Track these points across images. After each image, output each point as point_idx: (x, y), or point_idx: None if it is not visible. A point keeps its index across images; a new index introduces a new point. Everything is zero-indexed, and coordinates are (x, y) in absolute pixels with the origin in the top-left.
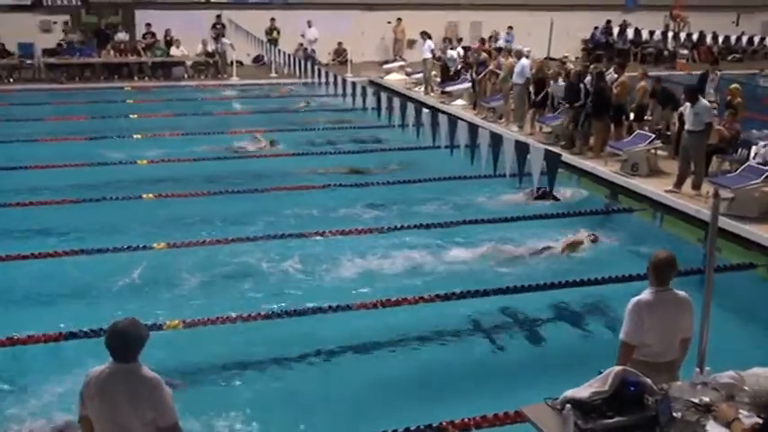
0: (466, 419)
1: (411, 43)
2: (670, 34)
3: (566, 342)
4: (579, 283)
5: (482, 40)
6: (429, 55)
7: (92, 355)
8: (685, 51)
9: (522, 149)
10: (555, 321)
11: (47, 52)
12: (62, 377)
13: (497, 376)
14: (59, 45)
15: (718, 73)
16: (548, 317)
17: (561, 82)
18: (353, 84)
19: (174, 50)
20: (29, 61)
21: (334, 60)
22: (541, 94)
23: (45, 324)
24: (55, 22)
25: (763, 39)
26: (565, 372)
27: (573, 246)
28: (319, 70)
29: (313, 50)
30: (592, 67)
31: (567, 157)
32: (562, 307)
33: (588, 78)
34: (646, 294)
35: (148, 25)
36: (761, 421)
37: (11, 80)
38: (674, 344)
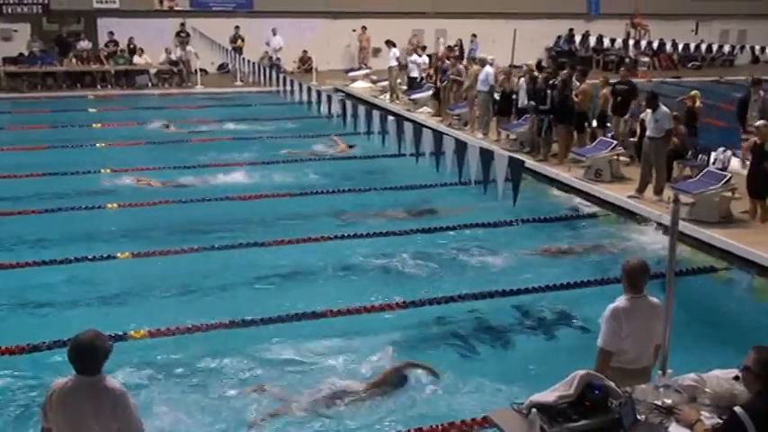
0: (433, 426)
1: (376, 51)
2: (631, 42)
3: (527, 347)
4: (542, 289)
5: (448, 48)
6: (394, 63)
7: (52, 369)
8: (646, 59)
9: (486, 156)
10: (517, 326)
11: (7, 61)
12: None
13: (463, 382)
14: (21, 54)
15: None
16: (509, 322)
17: (524, 81)
18: (319, 92)
19: (137, 59)
20: None
21: (299, 68)
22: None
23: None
24: (15, 30)
25: (721, 47)
26: (529, 377)
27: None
28: (284, 78)
29: (278, 59)
30: (563, 73)
31: (531, 163)
32: (526, 312)
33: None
34: (622, 301)
35: (111, 33)
36: (722, 422)
37: None
38: (648, 350)
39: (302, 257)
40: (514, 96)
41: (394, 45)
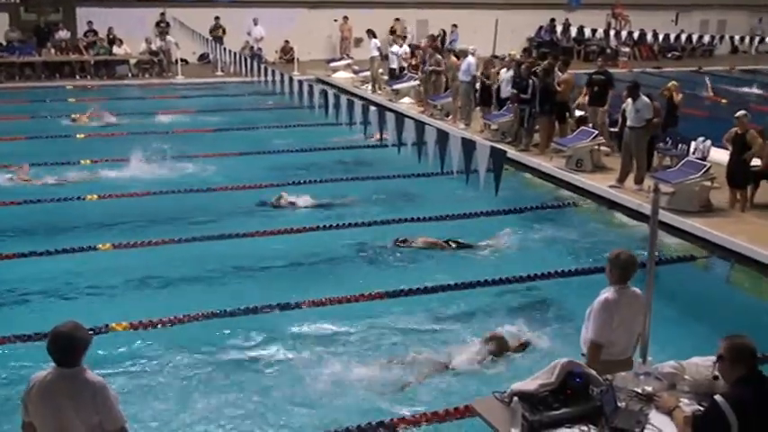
0: (416, 415)
1: (358, 41)
2: (612, 32)
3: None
4: (524, 279)
5: (431, 38)
6: (376, 53)
7: (33, 360)
8: (627, 49)
9: (468, 147)
10: (500, 316)
11: None
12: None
13: (446, 371)
14: None
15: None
16: (492, 312)
17: (506, 71)
18: (300, 82)
19: (116, 49)
20: None
21: (280, 59)
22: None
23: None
24: None
25: (701, 37)
26: (512, 365)
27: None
28: (266, 69)
29: (259, 49)
30: (544, 64)
31: (512, 153)
32: (506, 302)
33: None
34: (611, 293)
35: (90, 23)
36: (702, 409)
37: None
38: (633, 340)
39: (280, 248)
40: (496, 86)
41: (375, 35)
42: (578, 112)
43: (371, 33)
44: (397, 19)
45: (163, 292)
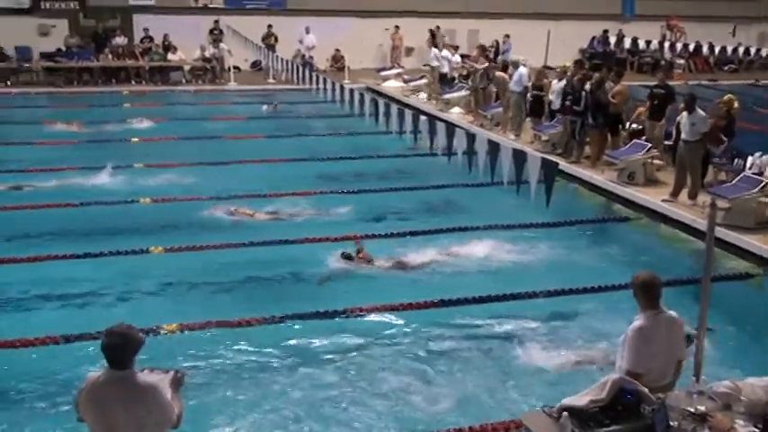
0: (465, 428)
1: (409, 51)
2: (666, 44)
3: (561, 350)
4: (575, 291)
5: (482, 48)
6: (436, 63)
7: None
8: (681, 61)
9: (519, 158)
10: (552, 329)
11: (45, 56)
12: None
13: (495, 384)
14: (58, 49)
15: None
16: (545, 325)
17: (558, 82)
18: (351, 90)
19: (171, 55)
20: (26, 65)
21: (331, 67)
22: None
23: (37, 328)
24: (53, 26)
25: (758, 50)
26: (561, 380)
27: None
28: (317, 77)
29: (311, 57)
30: (596, 75)
31: (563, 165)
32: (558, 315)
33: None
34: (644, 320)
35: (146, 30)
36: (756, 431)
37: (8, 83)
38: (672, 367)
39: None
40: (548, 98)
41: (435, 45)
42: (633, 125)
43: (432, 43)
44: (438, 27)
45: (214, 296)
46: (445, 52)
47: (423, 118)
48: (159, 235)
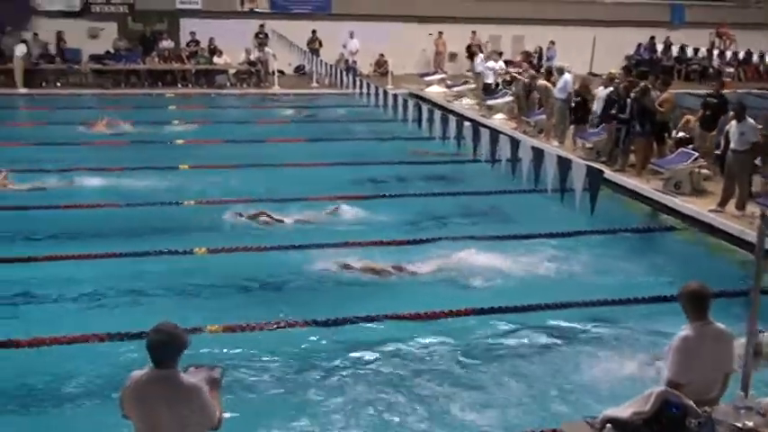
0: None
1: (452, 56)
2: (716, 52)
3: (605, 360)
4: (620, 301)
5: (526, 54)
6: (480, 69)
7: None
8: (731, 69)
9: (564, 165)
10: (596, 339)
11: (93, 58)
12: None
13: (537, 393)
14: (107, 52)
15: None
16: (589, 334)
17: (603, 89)
18: (394, 95)
19: (216, 59)
20: (76, 67)
21: (374, 72)
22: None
23: (82, 325)
24: (102, 29)
25: None
26: (603, 390)
27: None
28: (360, 81)
29: (354, 61)
30: (643, 83)
31: (607, 173)
32: (602, 325)
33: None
34: (690, 330)
35: (193, 33)
36: None
37: (58, 84)
38: (717, 380)
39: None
40: (593, 105)
41: (480, 51)
42: (680, 134)
43: (477, 49)
44: (474, 32)
45: (256, 298)
46: (491, 62)
47: (466, 124)
48: (203, 236)
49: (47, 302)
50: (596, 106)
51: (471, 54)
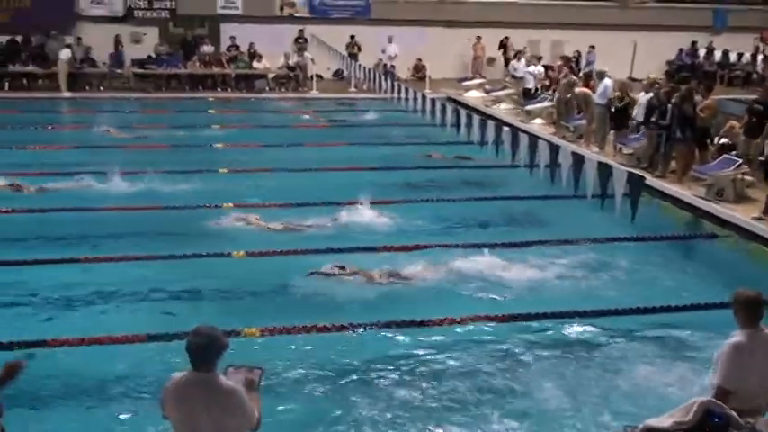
0: None
1: (490, 61)
2: (760, 57)
3: (646, 368)
4: (658, 310)
5: (565, 59)
6: (521, 75)
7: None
8: None
9: (604, 171)
10: (638, 346)
11: (136, 63)
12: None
13: (577, 401)
14: (149, 56)
15: None
16: (629, 341)
17: (644, 95)
18: (433, 100)
19: (256, 63)
20: (118, 71)
21: (413, 76)
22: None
23: (122, 326)
24: (145, 34)
25: None
26: (644, 399)
27: None
28: (399, 86)
29: (392, 66)
30: (684, 88)
31: (648, 180)
32: (641, 333)
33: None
34: (741, 336)
35: (233, 38)
36: None
37: (101, 88)
38: (766, 389)
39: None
40: (634, 110)
41: (506, 56)
42: (723, 140)
43: (521, 54)
44: (507, 37)
45: (295, 301)
46: (532, 67)
47: (505, 128)
48: (240, 239)
49: (87, 303)
50: (637, 112)
51: (507, 59)
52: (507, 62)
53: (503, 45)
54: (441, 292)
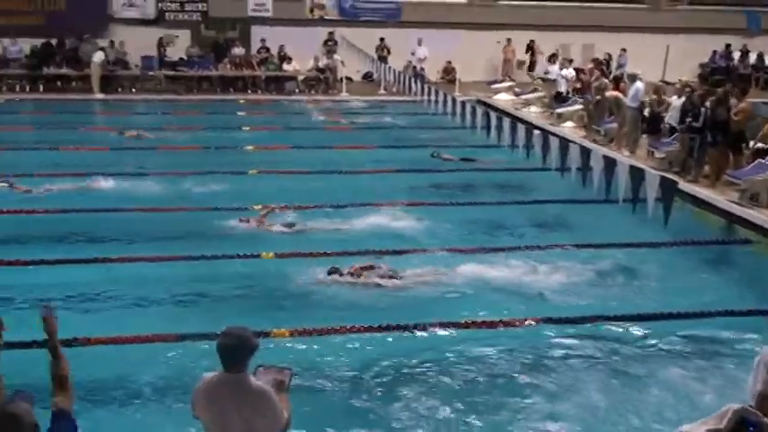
0: None
1: (520, 64)
2: None
3: (675, 375)
4: (691, 315)
5: (596, 62)
6: (553, 78)
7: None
8: None
9: (636, 175)
10: (666, 352)
11: (167, 65)
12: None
13: (609, 406)
14: (181, 59)
15: None
16: (657, 348)
17: (677, 98)
18: (462, 103)
19: (286, 66)
20: (150, 73)
21: (442, 79)
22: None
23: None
24: (177, 36)
25: None
26: (676, 406)
27: None
28: (429, 88)
29: (422, 68)
30: (718, 91)
31: (681, 184)
32: (671, 339)
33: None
34: None
35: (263, 41)
36: None
37: (133, 90)
38: None
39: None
40: (666, 114)
41: (556, 59)
42: (759, 144)
43: (555, 57)
44: (533, 40)
45: (325, 302)
46: (564, 70)
47: (536, 132)
48: (269, 240)
49: (118, 302)
50: (670, 115)
51: (533, 62)
52: (533, 65)
53: (529, 48)
54: (468, 295)
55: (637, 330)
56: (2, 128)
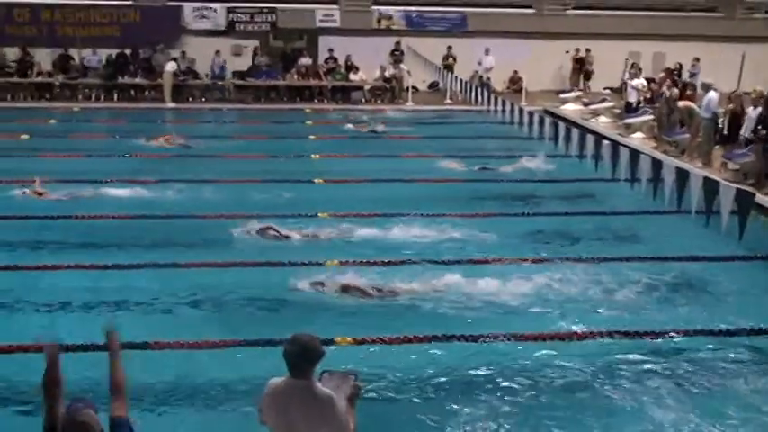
0: None
1: (588, 74)
2: None
3: (743, 392)
4: (763, 332)
5: (668, 71)
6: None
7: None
8: None
9: (710, 187)
10: (734, 369)
11: (236, 74)
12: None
13: (678, 419)
14: (249, 68)
15: None
16: (726, 364)
17: (753, 109)
18: (530, 113)
19: (352, 75)
20: (220, 83)
21: (508, 88)
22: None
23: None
24: (246, 47)
25: None
26: (742, 424)
27: None
28: (495, 98)
29: (488, 78)
30: None
31: (758, 197)
32: (744, 355)
33: None
34: None
35: (330, 51)
36: None
37: (203, 99)
38: None
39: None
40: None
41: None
42: None
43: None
44: (588, 49)
45: (388, 311)
46: (635, 80)
47: (605, 142)
48: (336, 248)
49: (159, 307)
50: (745, 126)
51: (586, 72)
52: (588, 75)
53: (580, 59)
54: (534, 307)
55: (708, 345)
56: (78, 135)
